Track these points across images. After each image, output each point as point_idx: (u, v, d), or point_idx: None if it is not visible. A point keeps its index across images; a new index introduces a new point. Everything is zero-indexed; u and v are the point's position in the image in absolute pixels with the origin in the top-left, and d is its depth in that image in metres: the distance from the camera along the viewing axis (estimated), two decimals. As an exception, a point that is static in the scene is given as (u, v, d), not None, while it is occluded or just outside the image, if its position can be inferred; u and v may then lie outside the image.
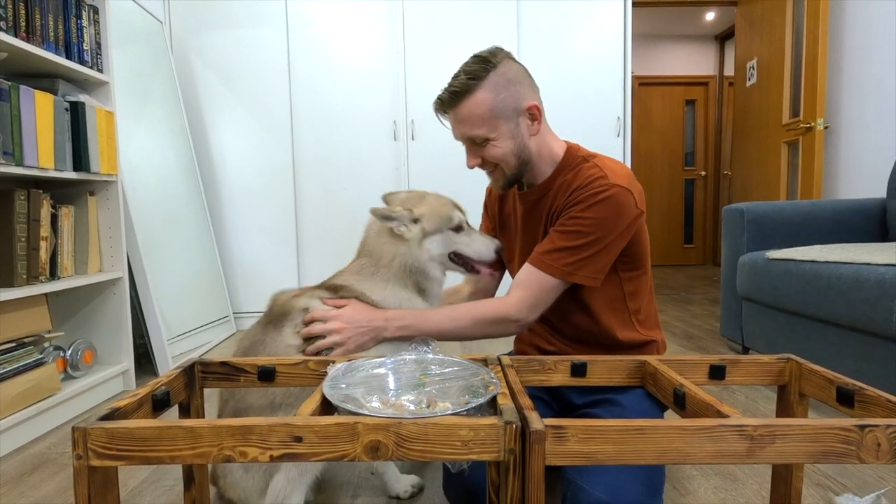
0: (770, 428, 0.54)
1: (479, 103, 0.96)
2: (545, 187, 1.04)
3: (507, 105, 0.96)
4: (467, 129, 0.99)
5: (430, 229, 1.05)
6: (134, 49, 2.33)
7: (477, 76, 0.95)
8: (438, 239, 1.05)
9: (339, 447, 0.54)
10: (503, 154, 0.99)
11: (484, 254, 1.07)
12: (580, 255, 0.94)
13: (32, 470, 1.27)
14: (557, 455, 0.55)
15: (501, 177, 1.04)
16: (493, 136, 0.97)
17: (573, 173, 1.00)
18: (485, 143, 0.99)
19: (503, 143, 0.98)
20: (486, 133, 0.97)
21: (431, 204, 1.07)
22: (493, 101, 0.95)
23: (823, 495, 1.09)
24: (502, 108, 0.96)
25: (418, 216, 1.04)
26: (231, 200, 2.86)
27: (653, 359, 0.79)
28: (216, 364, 0.81)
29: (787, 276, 1.75)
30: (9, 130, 1.38)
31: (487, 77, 0.95)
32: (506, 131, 0.98)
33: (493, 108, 0.96)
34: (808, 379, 0.76)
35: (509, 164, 1.00)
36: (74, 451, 0.53)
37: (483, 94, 0.95)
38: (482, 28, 2.79)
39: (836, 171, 2.74)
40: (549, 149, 1.04)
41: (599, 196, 0.93)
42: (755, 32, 3.29)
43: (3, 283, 1.43)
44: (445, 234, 1.06)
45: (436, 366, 0.77)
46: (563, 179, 1.01)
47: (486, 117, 0.96)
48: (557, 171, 1.03)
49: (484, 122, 0.97)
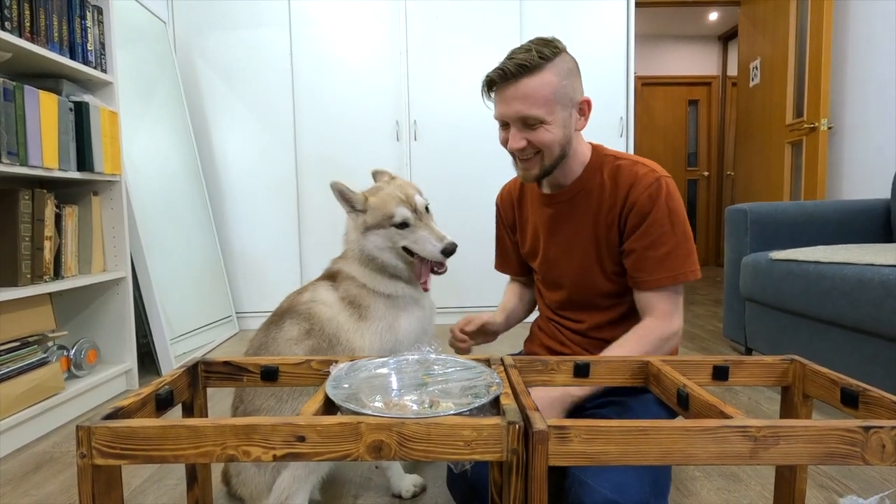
0: (774, 429, 0.54)
1: (545, 83, 0.93)
2: (577, 187, 1.04)
3: (567, 93, 0.95)
4: (525, 107, 0.94)
5: (370, 223, 1.06)
6: (138, 49, 2.34)
7: (546, 56, 0.93)
8: (381, 234, 1.06)
9: (342, 447, 0.54)
10: (552, 140, 0.96)
11: (429, 253, 1.05)
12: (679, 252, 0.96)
13: (36, 469, 1.28)
14: (560, 455, 0.55)
15: (538, 165, 1.00)
16: (548, 120, 0.95)
17: (611, 172, 1.01)
18: (537, 126, 0.95)
19: (555, 130, 0.96)
20: (543, 115, 0.94)
21: (381, 197, 1.07)
22: (557, 85, 0.94)
23: (827, 497, 1.08)
24: (563, 94, 0.95)
25: (366, 207, 1.06)
26: (234, 200, 2.87)
27: (656, 359, 0.79)
28: (219, 364, 0.81)
29: (790, 276, 1.74)
30: (13, 130, 1.39)
31: (555, 60, 0.94)
32: (560, 118, 0.96)
33: (556, 91, 0.94)
34: (811, 380, 0.75)
35: (553, 152, 0.98)
36: (78, 450, 0.53)
37: (550, 75, 0.93)
38: (485, 28, 2.79)
39: (840, 171, 2.73)
40: (580, 149, 1.04)
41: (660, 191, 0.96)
42: (758, 32, 3.28)
43: (7, 282, 1.43)
44: (388, 230, 1.05)
45: (438, 366, 0.77)
46: (600, 179, 1.01)
47: (547, 99, 0.94)
48: (589, 170, 1.03)
49: (544, 104, 0.94)
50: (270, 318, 1.07)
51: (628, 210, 0.98)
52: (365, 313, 1.05)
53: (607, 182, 1.01)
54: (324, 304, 1.05)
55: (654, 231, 0.96)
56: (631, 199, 0.97)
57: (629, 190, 0.98)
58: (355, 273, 1.08)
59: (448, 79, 2.81)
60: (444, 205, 2.88)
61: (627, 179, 0.99)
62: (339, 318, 1.03)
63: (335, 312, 1.04)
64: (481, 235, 2.97)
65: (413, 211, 1.06)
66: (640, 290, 1.00)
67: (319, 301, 1.05)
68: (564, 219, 1.06)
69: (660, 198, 0.96)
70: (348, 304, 1.05)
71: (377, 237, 1.06)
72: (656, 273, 0.97)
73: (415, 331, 1.07)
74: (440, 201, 2.88)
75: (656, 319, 0.98)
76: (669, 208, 0.96)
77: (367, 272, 1.07)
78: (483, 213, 2.90)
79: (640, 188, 0.97)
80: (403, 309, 1.07)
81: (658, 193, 0.96)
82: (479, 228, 2.89)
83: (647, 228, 0.96)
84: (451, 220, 2.89)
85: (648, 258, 0.97)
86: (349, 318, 1.04)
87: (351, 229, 1.10)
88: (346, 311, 1.05)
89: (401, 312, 1.07)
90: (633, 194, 0.97)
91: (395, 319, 1.05)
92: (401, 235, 1.05)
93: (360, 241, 1.07)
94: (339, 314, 1.04)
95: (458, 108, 2.84)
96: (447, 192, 2.88)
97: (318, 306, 1.04)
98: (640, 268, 0.98)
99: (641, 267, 0.98)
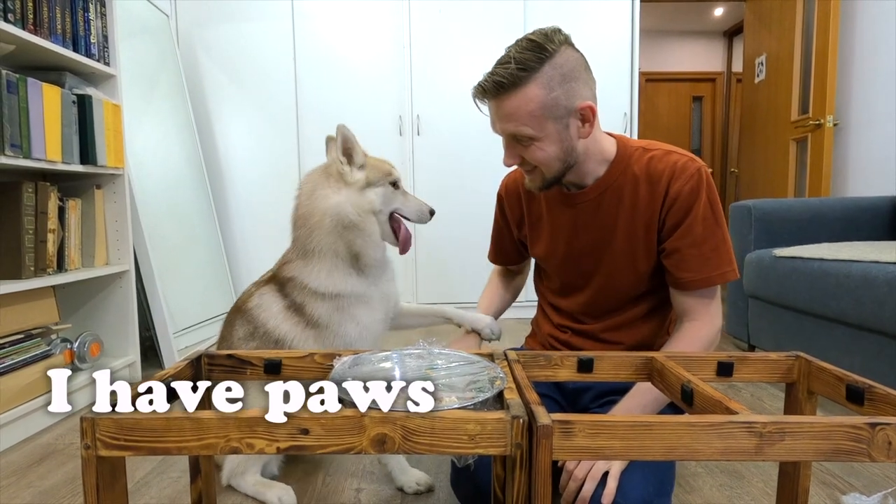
0: (779, 425, 0.54)
1: (527, 100, 0.84)
2: (603, 185, 0.96)
3: (558, 104, 0.85)
4: (510, 126, 0.88)
5: (373, 178, 1.08)
6: (140, 43, 2.33)
7: (529, 67, 0.83)
8: (380, 192, 1.08)
9: (346, 440, 0.54)
10: (546, 158, 0.89)
11: (419, 212, 1.12)
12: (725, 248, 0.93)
13: (40, 460, 1.29)
14: (564, 450, 0.54)
15: (539, 178, 0.94)
16: (538, 137, 0.87)
17: (643, 166, 0.94)
18: (528, 143, 0.89)
19: (548, 146, 0.88)
20: (530, 133, 0.87)
21: (373, 158, 1.11)
22: (544, 99, 0.84)
23: (830, 494, 1.08)
24: (553, 106, 0.85)
25: (366, 163, 1.09)
26: (236, 194, 2.87)
27: (660, 355, 0.79)
28: (222, 356, 0.81)
29: (794, 273, 1.74)
30: (17, 123, 1.38)
31: (541, 69, 0.83)
32: (553, 133, 0.87)
33: (543, 105, 0.85)
34: (817, 377, 0.75)
35: (551, 168, 0.91)
36: (83, 441, 0.53)
37: (534, 89, 0.84)
38: (488, 22, 2.78)
39: (846, 168, 2.71)
40: (598, 147, 0.95)
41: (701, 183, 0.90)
42: (764, 28, 3.25)
43: (11, 275, 1.44)
44: (387, 187, 1.09)
45: (442, 360, 0.77)
46: (632, 174, 0.94)
47: (533, 116, 0.85)
48: (616, 166, 0.95)
49: (530, 121, 0.86)
50: (227, 315, 1.16)
51: (670, 204, 0.91)
52: (311, 321, 1.05)
53: (640, 176, 0.93)
54: (269, 313, 1.07)
55: (697, 227, 0.90)
56: (672, 193, 0.90)
57: (669, 182, 0.90)
58: (300, 273, 1.05)
59: (451, 73, 2.79)
60: (446, 198, 2.88)
61: (666, 171, 0.91)
62: (283, 328, 1.05)
63: (279, 322, 1.06)
64: (484, 229, 2.96)
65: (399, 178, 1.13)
66: (681, 290, 0.93)
67: (265, 308, 1.08)
68: (590, 219, 0.98)
69: (702, 190, 0.90)
70: (294, 312, 1.06)
71: (377, 195, 1.08)
72: (702, 272, 0.91)
73: (366, 329, 1.06)
74: (443, 195, 2.88)
75: (698, 322, 0.92)
76: (710, 201, 0.90)
77: (315, 265, 1.05)
78: (485, 207, 2.88)
79: (681, 180, 0.90)
80: (345, 311, 1.05)
81: (700, 185, 0.90)
82: (481, 222, 2.88)
83: (690, 224, 0.90)
84: (454, 213, 2.88)
85: (693, 256, 0.91)
86: (294, 327, 1.05)
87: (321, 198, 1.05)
88: (291, 319, 1.06)
89: (343, 316, 1.05)
90: (675, 187, 0.90)
91: (340, 326, 1.04)
92: (395, 195, 1.11)
93: (354, 200, 1.05)
94: (282, 323, 1.06)
95: (461, 102, 2.82)
96: (450, 186, 2.88)
97: (263, 313, 1.08)
98: (685, 267, 0.91)
99: (686, 266, 0.91)
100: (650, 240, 0.95)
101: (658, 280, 0.99)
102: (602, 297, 1.02)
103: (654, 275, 0.98)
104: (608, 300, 1.02)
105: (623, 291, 1.00)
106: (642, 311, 1.01)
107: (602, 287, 1.01)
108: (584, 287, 1.03)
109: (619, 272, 0.98)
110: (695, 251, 0.91)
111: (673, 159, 0.92)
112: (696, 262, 0.91)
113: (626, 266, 0.98)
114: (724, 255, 0.92)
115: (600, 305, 1.03)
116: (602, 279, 1.00)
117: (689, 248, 0.91)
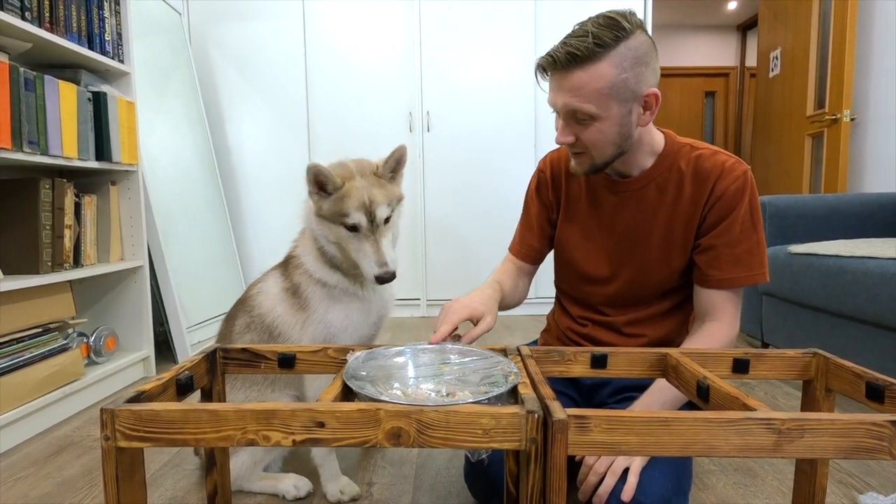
0: (799, 422, 0.53)
1: (598, 76, 0.82)
2: (649, 177, 0.96)
3: (627, 87, 0.83)
4: (574, 101, 0.84)
5: (325, 211, 0.98)
6: (153, 40, 2.35)
7: (605, 43, 0.81)
8: (328, 227, 0.99)
9: (361, 433, 0.54)
10: (602, 140, 0.87)
11: (364, 271, 0.97)
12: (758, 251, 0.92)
13: (58, 451, 1.31)
14: (580, 445, 0.54)
15: (588, 162, 0.92)
16: (600, 116, 0.85)
17: (690, 163, 0.94)
18: (587, 122, 0.86)
19: (607, 128, 0.86)
20: (593, 111, 0.84)
21: (346, 190, 0.97)
22: (614, 79, 0.82)
23: (846, 493, 1.07)
24: (621, 88, 0.83)
25: (332, 189, 0.97)
26: (248, 190, 2.89)
27: (675, 351, 0.78)
28: (237, 350, 0.82)
29: (809, 270, 1.71)
30: (34, 120, 1.40)
31: (616, 48, 0.81)
32: (615, 115, 0.85)
33: (612, 85, 0.82)
34: (835, 374, 0.74)
35: (604, 152, 0.89)
36: (103, 432, 0.54)
37: (606, 66, 0.81)
38: (499, 18, 2.76)
39: (862, 164, 2.67)
40: (650, 138, 0.95)
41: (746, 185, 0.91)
42: (779, 21, 3.20)
43: (29, 269, 1.46)
44: (339, 227, 0.98)
45: (455, 355, 0.77)
46: (678, 170, 0.94)
47: (600, 94, 0.83)
48: (663, 160, 0.95)
49: (596, 99, 0.83)
50: (230, 310, 1.16)
51: (714, 202, 0.91)
52: (304, 304, 1.05)
53: (687, 172, 0.94)
54: (266, 296, 1.09)
55: (736, 227, 0.91)
56: (717, 191, 0.91)
57: (716, 181, 0.91)
58: (304, 258, 1.07)
59: (462, 70, 2.79)
60: (455, 195, 2.88)
61: (713, 170, 0.92)
62: (278, 310, 1.06)
63: (274, 304, 1.07)
64: (493, 226, 2.96)
65: (370, 220, 0.96)
66: (708, 287, 0.93)
67: (264, 292, 1.10)
68: (631, 209, 0.98)
69: (746, 192, 0.91)
70: (291, 295, 1.07)
71: (324, 228, 1.00)
72: (732, 272, 0.91)
73: (353, 324, 1.05)
74: (452, 192, 2.88)
75: (720, 323, 0.92)
76: (752, 204, 0.91)
77: (316, 254, 1.06)
78: (495, 203, 2.89)
79: (728, 179, 0.91)
80: (338, 300, 1.05)
81: (745, 187, 0.91)
82: (492, 218, 2.88)
83: (730, 224, 0.91)
84: (463, 210, 2.88)
85: (726, 255, 0.91)
86: (288, 310, 1.06)
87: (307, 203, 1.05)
88: (286, 301, 1.07)
89: (335, 304, 1.04)
90: (721, 185, 0.91)
91: (327, 312, 1.04)
92: (348, 239, 0.98)
93: (313, 220, 1.02)
94: (277, 305, 1.07)
95: (471, 99, 2.82)
96: (459, 182, 2.87)
97: (261, 297, 1.10)
98: (715, 265, 0.92)
99: (717, 264, 0.92)
100: (688, 236, 0.95)
101: (687, 278, 0.99)
102: (630, 289, 1.01)
103: (685, 272, 0.98)
104: (635, 293, 1.01)
105: (652, 286, 1.00)
106: (667, 306, 1.01)
107: (632, 279, 1.00)
108: (613, 278, 1.02)
109: (651, 265, 0.98)
110: (728, 251, 0.91)
111: (721, 159, 0.93)
112: (727, 261, 0.92)
113: (660, 260, 0.97)
114: (756, 258, 0.92)
115: (626, 298, 1.02)
116: (633, 271, 1.00)
117: (723, 247, 0.91)
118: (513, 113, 2.82)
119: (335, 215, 0.97)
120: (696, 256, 0.95)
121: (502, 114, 2.83)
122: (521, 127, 2.83)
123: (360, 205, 0.96)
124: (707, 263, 0.93)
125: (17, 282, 1.36)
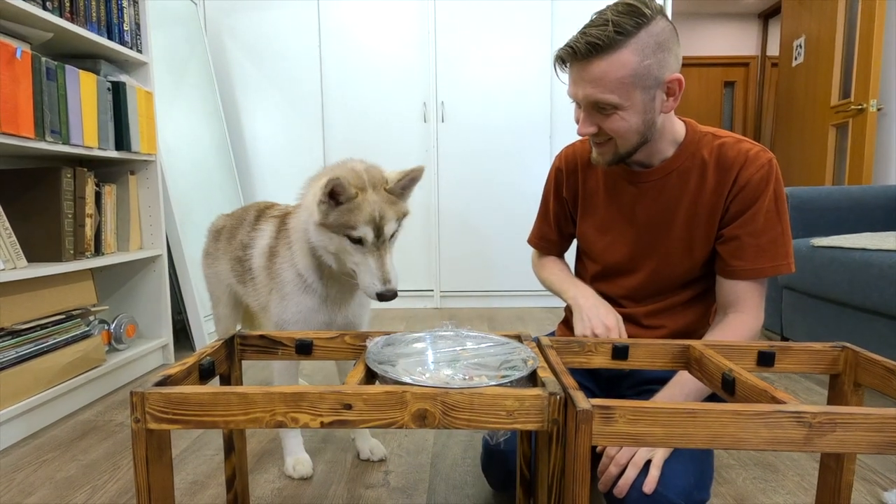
0: (830, 416, 0.52)
1: (619, 65, 0.80)
2: (671, 167, 0.94)
3: (650, 73, 0.82)
4: (596, 92, 0.83)
5: (330, 221, 0.96)
6: (170, 31, 2.36)
7: (626, 31, 0.80)
8: (329, 237, 0.97)
9: (388, 415, 0.54)
10: (626, 129, 0.86)
11: (364, 287, 0.96)
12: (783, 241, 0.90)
13: (82, 435, 1.34)
14: (604, 436, 0.54)
15: (611, 151, 0.91)
16: (623, 105, 0.83)
17: (713, 151, 0.92)
18: (610, 112, 0.85)
19: (631, 117, 0.85)
20: (616, 100, 0.83)
21: (357, 203, 0.95)
22: (637, 66, 0.81)
23: (871, 490, 1.05)
24: (644, 76, 0.81)
25: (345, 200, 0.95)
26: (263, 180, 2.91)
27: (698, 343, 0.77)
28: (255, 337, 0.82)
29: (833, 264, 1.68)
30: (56, 110, 1.42)
31: (637, 35, 0.80)
32: (638, 103, 0.84)
33: (635, 73, 0.81)
34: (865, 368, 0.72)
35: (629, 141, 0.88)
36: (132, 415, 0.55)
37: (627, 54, 0.80)
38: (515, 8, 2.72)
39: (889, 155, 2.60)
40: (672, 127, 0.93)
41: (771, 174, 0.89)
42: (804, 8, 3.11)
43: (52, 257, 1.49)
44: (342, 238, 0.96)
45: (471, 342, 0.77)
46: (701, 158, 0.92)
47: (622, 83, 0.81)
48: (685, 149, 0.93)
49: (618, 88, 0.82)
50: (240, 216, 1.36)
51: (738, 191, 0.89)
52: (273, 275, 1.11)
53: (710, 161, 0.92)
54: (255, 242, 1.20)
55: (760, 217, 0.89)
56: (741, 180, 0.89)
57: (740, 170, 0.89)
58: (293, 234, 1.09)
59: (476, 59, 2.76)
60: (469, 185, 2.87)
61: (737, 158, 0.90)
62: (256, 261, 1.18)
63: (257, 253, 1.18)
64: (507, 217, 2.94)
65: (377, 235, 0.95)
66: (732, 278, 0.92)
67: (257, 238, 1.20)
68: (652, 200, 0.96)
69: (771, 181, 0.89)
70: (265, 258, 1.14)
71: (326, 239, 0.98)
72: (757, 262, 0.89)
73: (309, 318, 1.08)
74: (466, 182, 2.87)
75: (744, 314, 0.91)
76: (776, 193, 0.89)
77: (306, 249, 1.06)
78: (510, 195, 2.87)
79: (752, 168, 0.89)
80: (305, 292, 1.07)
81: (770, 176, 0.89)
82: (506, 210, 2.86)
83: (754, 213, 0.89)
84: (478, 201, 2.87)
85: (750, 245, 0.89)
86: (261, 268, 1.16)
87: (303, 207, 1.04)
88: (262, 257, 1.15)
89: (302, 295, 1.07)
90: (745, 174, 0.89)
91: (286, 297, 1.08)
92: (350, 251, 0.96)
93: (310, 229, 1.00)
94: (258, 256, 1.17)
95: (486, 89, 2.79)
96: (474, 173, 2.86)
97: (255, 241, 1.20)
98: (739, 255, 0.90)
99: (740, 255, 0.90)
100: (711, 226, 0.93)
101: (708, 268, 0.97)
102: (652, 281, 0.99)
103: (707, 262, 0.96)
104: (657, 285, 0.99)
105: (674, 277, 0.98)
106: (687, 297, 0.99)
107: (654, 271, 0.98)
108: (635, 270, 1.00)
109: (674, 256, 0.96)
110: (752, 241, 0.89)
111: (745, 147, 0.91)
112: (751, 251, 0.90)
113: (683, 251, 0.96)
114: (781, 248, 0.90)
115: (647, 290, 1.00)
116: (655, 263, 0.98)
117: (747, 236, 0.90)
118: (528, 103, 2.79)
119: (341, 226, 0.95)
120: (720, 247, 0.93)
121: (517, 104, 2.80)
122: (537, 117, 2.80)
123: (369, 219, 0.95)
124: (730, 254, 0.92)
125: (41, 269, 1.38)
